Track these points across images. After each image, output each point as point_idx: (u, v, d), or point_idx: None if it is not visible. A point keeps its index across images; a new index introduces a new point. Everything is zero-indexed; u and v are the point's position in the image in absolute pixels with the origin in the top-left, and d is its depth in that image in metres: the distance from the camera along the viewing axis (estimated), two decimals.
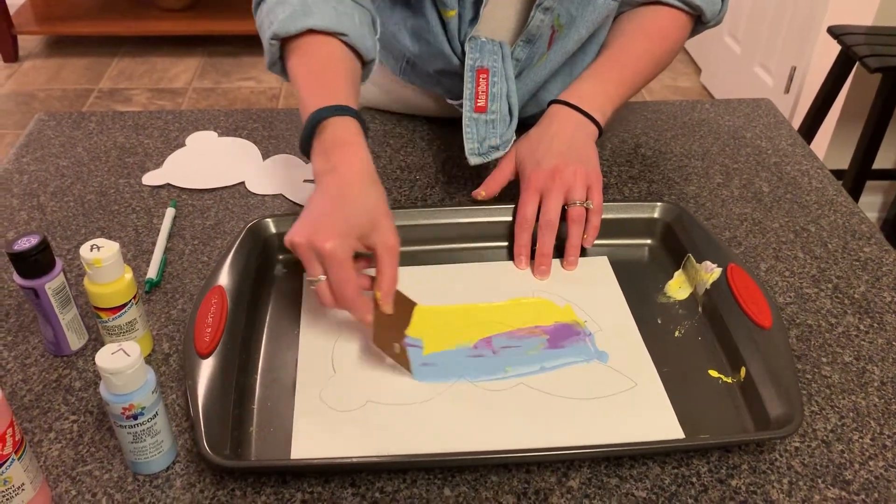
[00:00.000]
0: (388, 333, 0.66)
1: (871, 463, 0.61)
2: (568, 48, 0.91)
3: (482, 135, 0.85)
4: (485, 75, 0.86)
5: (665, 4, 0.90)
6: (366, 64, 0.81)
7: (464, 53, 0.86)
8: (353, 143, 0.70)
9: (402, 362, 0.66)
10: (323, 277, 0.65)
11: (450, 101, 0.96)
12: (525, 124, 0.88)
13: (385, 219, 0.67)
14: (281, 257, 0.80)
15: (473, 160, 0.84)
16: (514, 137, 0.86)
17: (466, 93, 0.86)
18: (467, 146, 0.84)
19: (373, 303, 0.65)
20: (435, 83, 0.97)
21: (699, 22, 0.93)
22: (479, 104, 0.86)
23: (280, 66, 0.80)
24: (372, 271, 0.67)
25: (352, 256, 0.64)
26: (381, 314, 0.66)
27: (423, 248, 0.81)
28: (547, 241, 0.77)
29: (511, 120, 0.87)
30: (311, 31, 0.75)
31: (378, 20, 0.83)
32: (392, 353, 0.67)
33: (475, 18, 0.85)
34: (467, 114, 0.85)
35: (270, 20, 0.77)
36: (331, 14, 0.75)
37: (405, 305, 0.67)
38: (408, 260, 0.79)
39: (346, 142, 0.70)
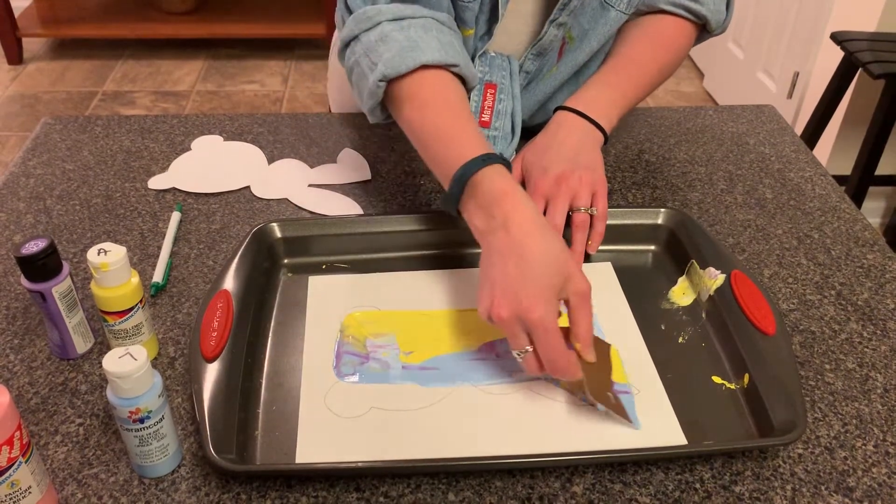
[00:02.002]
0: (598, 383, 0.64)
1: (874, 470, 0.61)
2: (578, 60, 0.91)
3: None
4: (492, 90, 0.86)
5: (670, 13, 0.91)
6: (469, 90, 0.78)
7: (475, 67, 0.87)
8: (513, 192, 0.66)
9: (619, 411, 0.63)
10: (530, 348, 0.62)
11: None
12: (533, 133, 0.89)
13: (574, 266, 0.64)
14: (286, 261, 0.80)
15: None
16: (514, 155, 0.87)
17: (472, 106, 0.86)
18: None
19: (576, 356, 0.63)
20: None
21: (704, 30, 0.94)
22: (483, 118, 0.86)
23: (380, 107, 0.76)
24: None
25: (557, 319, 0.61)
26: (585, 365, 0.63)
27: (425, 253, 0.81)
28: None
29: (513, 138, 0.88)
30: (422, 67, 0.72)
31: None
32: (608, 403, 0.63)
33: (488, 35, 0.85)
34: None
35: (373, 60, 0.72)
36: (437, 46, 0.72)
37: (602, 348, 0.65)
38: (411, 265, 0.80)
39: (506, 192, 0.66)
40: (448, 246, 0.82)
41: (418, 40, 0.72)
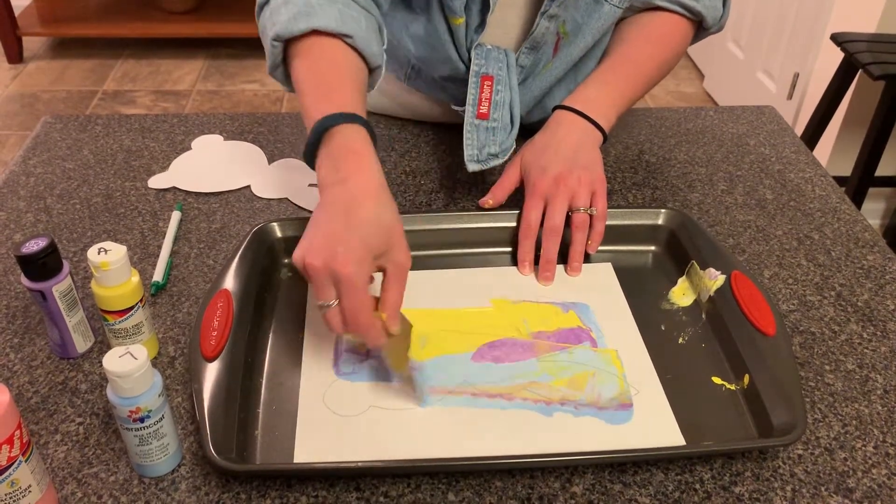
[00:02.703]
0: (398, 356, 0.65)
1: (873, 471, 0.61)
2: (573, 55, 0.91)
3: (482, 142, 0.86)
4: (489, 82, 0.86)
5: (666, 10, 0.91)
6: (372, 71, 0.79)
7: (470, 60, 0.87)
8: (364, 152, 0.67)
9: (411, 386, 0.65)
10: (334, 302, 0.62)
11: (454, 108, 0.96)
12: (530, 130, 0.89)
13: (400, 237, 0.65)
14: (286, 261, 0.80)
15: (472, 167, 0.85)
16: (514, 146, 0.87)
17: (470, 98, 0.86)
18: (466, 152, 0.85)
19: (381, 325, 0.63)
20: (440, 89, 0.97)
21: (701, 28, 0.94)
22: (481, 111, 0.86)
23: (282, 70, 0.78)
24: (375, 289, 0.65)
25: (367, 280, 0.62)
26: (390, 338, 0.64)
27: (426, 253, 0.81)
28: (551, 248, 0.77)
29: (512, 129, 0.88)
30: (315, 33, 0.74)
31: (384, 28, 0.82)
32: (403, 379, 0.65)
33: (481, 25, 0.85)
34: (469, 119, 0.86)
35: (273, 21, 0.75)
36: (336, 16, 0.74)
37: (405, 325, 0.65)
38: (412, 265, 0.79)
39: (356, 151, 0.67)
40: (448, 246, 0.82)
41: (316, 7, 0.73)
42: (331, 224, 0.63)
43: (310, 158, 0.70)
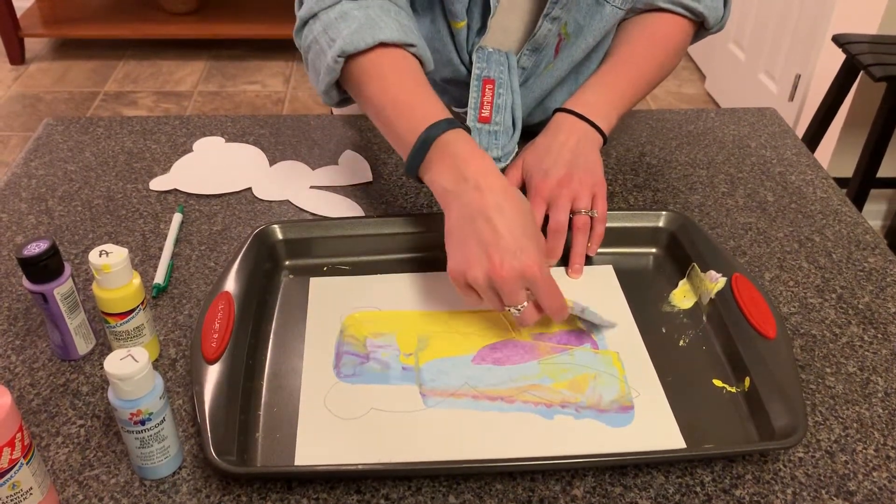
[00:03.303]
0: (572, 319, 0.72)
1: (874, 474, 0.61)
2: (575, 56, 0.91)
3: (484, 145, 0.86)
4: (491, 86, 0.86)
5: (667, 11, 0.91)
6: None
7: (471, 63, 0.87)
8: (482, 155, 0.68)
9: (595, 326, 0.71)
10: (527, 303, 0.65)
11: (456, 110, 0.96)
12: (531, 132, 0.89)
13: (534, 217, 0.68)
14: (287, 263, 0.80)
15: None
16: (517, 149, 0.87)
17: (471, 102, 0.86)
18: None
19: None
20: (441, 91, 0.97)
21: (702, 28, 0.94)
22: (483, 114, 0.86)
23: (336, 87, 0.77)
24: None
25: None
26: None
27: (426, 255, 0.81)
28: (556, 246, 0.78)
29: (514, 132, 0.88)
30: (381, 45, 0.73)
31: None
32: (587, 325, 0.72)
33: (483, 29, 0.85)
34: (471, 123, 0.86)
35: (332, 37, 0.73)
36: (396, 26, 0.74)
37: None
38: (412, 267, 0.80)
39: (476, 155, 0.68)
40: None
41: (377, 19, 0.73)
42: (496, 234, 0.64)
43: (415, 169, 0.70)
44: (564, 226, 0.77)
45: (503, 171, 0.86)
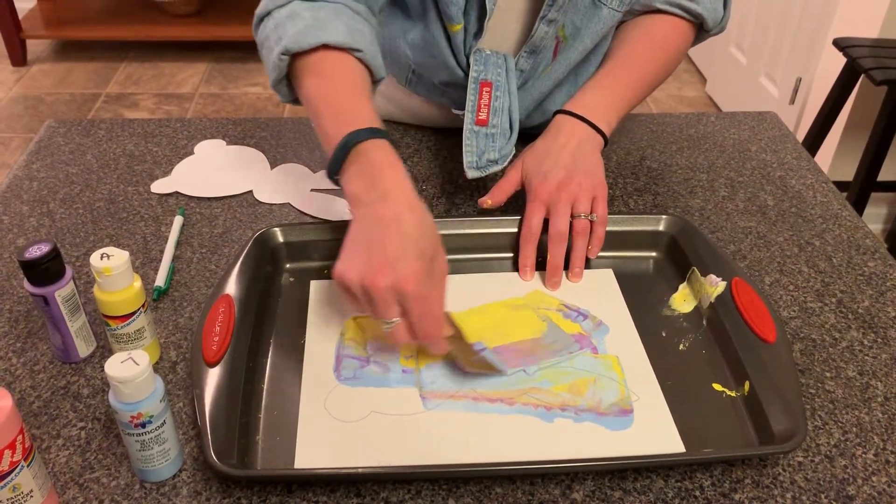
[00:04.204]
0: (461, 350, 0.66)
1: (874, 478, 0.61)
2: (573, 59, 0.91)
3: (481, 148, 0.86)
4: (488, 88, 0.86)
5: (667, 13, 0.91)
6: (374, 82, 0.80)
7: (468, 65, 0.87)
8: (397, 166, 0.68)
9: (487, 366, 0.67)
10: (398, 319, 0.63)
11: (455, 112, 0.96)
12: (530, 135, 0.89)
13: (440, 244, 0.66)
14: (288, 266, 0.80)
15: (471, 173, 0.85)
16: (514, 152, 0.87)
17: (469, 105, 0.86)
18: (466, 159, 0.85)
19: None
20: (440, 94, 0.97)
21: (701, 29, 0.94)
22: (480, 117, 0.86)
23: (286, 84, 0.78)
24: None
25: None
26: (449, 341, 0.65)
27: None
28: (558, 253, 0.78)
29: (511, 134, 0.88)
30: (324, 47, 0.73)
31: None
32: (477, 364, 0.67)
33: (479, 32, 0.85)
34: (468, 126, 0.86)
35: (279, 35, 0.74)
36: (344, 30, 0.74)
37: (449, 320, 0.66)
38: None
39: (390, 166, 0.67)
40: (449, 251, 0.81)
41: (325, 21, 0.73)
42: (383, 242, 0.62)
43: (335, 174, 0.69)
44: (565, 233, 0.77)
45: (501, 173, 0.86)
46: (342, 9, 0.77)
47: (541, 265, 0.80)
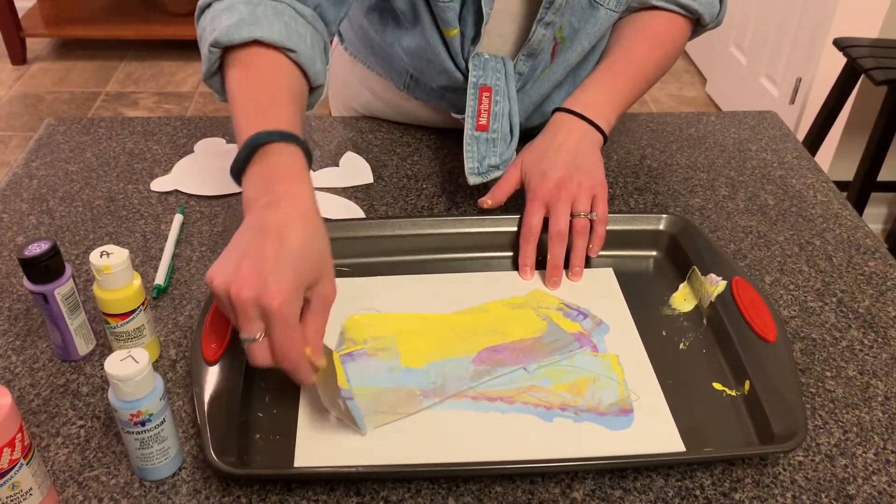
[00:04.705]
0: (329, 389, 0.61)
1: (874, 478, 0.61)
2: (571, 60, 0.91)
3: (482, 154, 0.86)
4: (487, 93, 0.86)
5: (663, 9, 0.91)
6: (314, 89, 0.76)
7: (468, 69, 0.87)
8: (299, 175, 0.63)
9: (348, 417, 0.61)
10: (260, 335, 0.58)
11: (454, 115, 0.96)
12: (530, 136, 0.89)
13: (329, 267, 0.61)
14: None
15: (473, 180, 0.85)
16: (514, 157, 0.87)
17: (469, 110, 0.86)
18: (467, 166, 0.85)
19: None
20: (439, 98, 0.97)
21: (698, 24, 0.93)
22: (480, 122, 0.86)
23: (219, 78, 0.74)
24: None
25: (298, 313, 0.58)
26: (317, 372, 0.61)
27: (428, 258, 0.81)
28: (558, 253, 0.77)
29: (511, 139, 0.88)
30: (257, 43, 0.70)
31: (329, 48, 0.79)
32: (339, 410, 0.62)
33: (477, 36, 0.85)
34: (468, 132, 0.86)
35: (213, 26, 0.71)
36: (281, 28, 0.70)
37: (327, 354, 0.61)
38: (413, 269, 0.80)
39: (291, 173, 0.62)
40: (450, 250, 0.82)
41: (261, 17, 0.70)
42: (260, 251, 0.57)
43: (237, 174, 0.65)
44: (565, 232, 0.77)
45: (506, 168, 0.85)
46: (284, 8, 0.74)
47: (541, 264, 0.79)
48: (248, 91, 0.69)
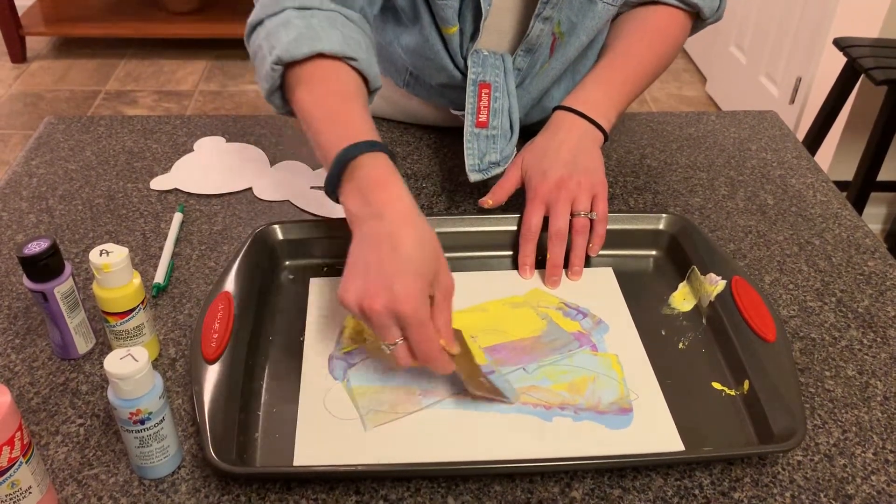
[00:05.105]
0: (469, 372, 0.64)
1: (873, 478, 0.61)
2: (569, 55, 0.91)
3: (482, 150, 0.86)
4: (487, 90, 0.86)
5: (663, 4, 0.91)
6: (370, 92, 0.77)
7: (466, 67, 0.87)
8: (393, 181, 0.65)
9: (495, 392, 0.64)
10: (400, 340, 0.61)
11: (454, 112, 0.96)
12: (530, 132, 0.89)
13: (443, 260, 0.64)
14: (287, 263, 0.80)
15: (474, 177, 0.85)
16: (515, 153, 0.86)
17: (468, 107, 0.86)
18: (468, 162, 0.84)
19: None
20: (439, 95, 0.97)
21: (698, 19, 0.93)
22: (480, 119, 0.86)
23: (279, 95, 0.75)
24: None
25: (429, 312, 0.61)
26: (453, 357, 0.63)
27: None
28: (557, 252, 0.77)
29: (512, 135, 0.87)
30: (319, 56, 0.71)
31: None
32: (483, 388, 0.64)
33: (476, 33, 0.85)
34: (468, 129, 0.86)
35: (272, 44, 0.72)
36: (339, 38, 0.72)
37: (459, 338, 0.65)
38: None
39: (386, 182, 0.65)
40: (449, 249, 0.81)
41: (319, 29, 0.71)
42: (380, 262, 0.60)
43: (332, 190, 0.67)
44: (564, 231, 0.77)
45: (502, 173, 0.85)
46: (336, 17, 0.75)
47: (540, 263, 0.79)
48: (321, 106, 0.71)
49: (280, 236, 0.80)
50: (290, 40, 0.71)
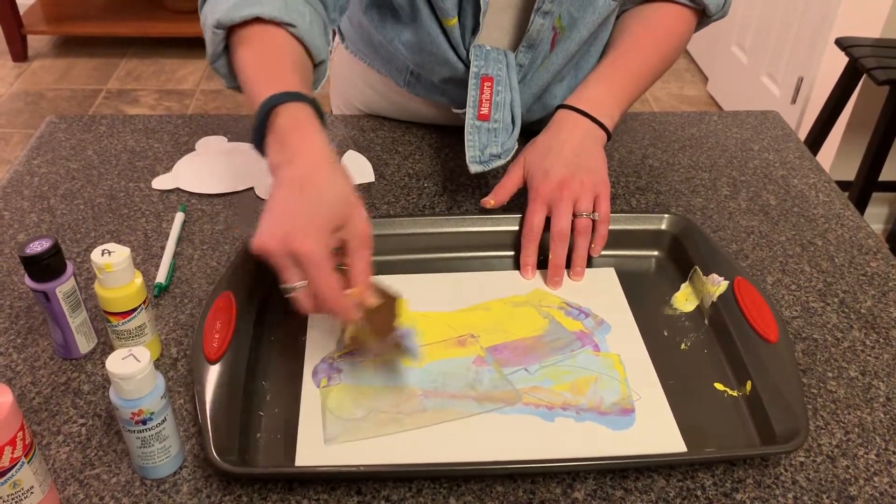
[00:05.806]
0: (377, 329, 0.63)
1: (875, 479, 0.61)
2: (570, 50, 0.91)
3: (483, 143, 0.85)
4: (489, 83, 0.86)
5: (668, 1, 0.90)
6: (316, 66, 0.77)
7: (469, 60, 0.87)
8: (307, 128, 0.64)
9: (398, 352, 0.64)
10: (300, 284, 0.60)
11: (455, 111, 0.96)
12: (531, 130, 0.88)
13: (356, 206, 0.62)
14: None
15: (474, 168, 0.84)
16: (516, 146, 0.86)
17: (470, 100, 0.86)
18: (468, 154, 0.84)
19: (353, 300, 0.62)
20: (440, 93, 0.97)
21: (703, 15, 0.93)
22: (482, 112, 0.86)
23: (224, 62, 0.76)
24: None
25: (331, 255, 0.60)
26: (366, 311, 0.62)
27: (429, 257, 0.81)
28: (559, 253, 0.77)
29: (513, 129, 0.87)
30: (258, 21, 0.72)
31: (329, 28, 0.80)
32: (389, 348, 0.63)
33: (476, 26, 0.85)
34: (470, 121, 0.85)
35: (214, 9, 0.73)
36: (279, 4, 0.72)
37: (388, 297, 0.63)
38: (415, 268, 0.80)
39: (300, 127, 0.64)
40: (451, 249, 0.82)
41: None
42: (284, 205, 0.60)
43: (259, 143, 0.67)
44: (566, 232, 0.77)
45: (503, 169, 0.85)
46: None
47: (542, 263, 0.79)
48: (254, 64, 0.71)
49: None
50: (231, 6, 0.72)
